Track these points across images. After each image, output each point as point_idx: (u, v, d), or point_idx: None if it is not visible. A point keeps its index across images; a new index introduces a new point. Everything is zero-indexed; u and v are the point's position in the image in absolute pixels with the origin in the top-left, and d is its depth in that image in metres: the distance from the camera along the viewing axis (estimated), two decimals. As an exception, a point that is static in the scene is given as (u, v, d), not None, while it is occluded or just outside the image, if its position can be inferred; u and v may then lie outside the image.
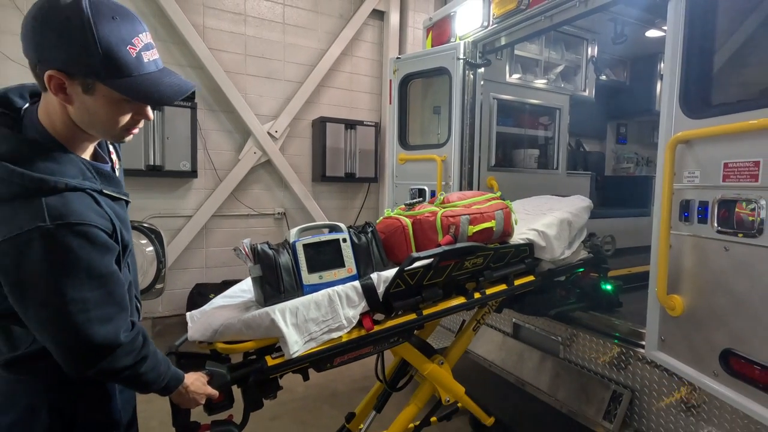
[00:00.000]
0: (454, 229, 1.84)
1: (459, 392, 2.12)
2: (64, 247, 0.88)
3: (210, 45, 4.84)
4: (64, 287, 0.89)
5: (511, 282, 2.00)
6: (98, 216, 0.94)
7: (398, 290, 1.66)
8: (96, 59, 0.86)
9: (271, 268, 1.54)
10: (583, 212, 2.33)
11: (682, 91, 1.71)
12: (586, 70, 3.91)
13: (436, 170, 3.17)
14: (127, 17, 0.90)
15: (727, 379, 1.54)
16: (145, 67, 0.92)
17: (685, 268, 1.70)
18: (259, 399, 1.55)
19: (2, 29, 3.78)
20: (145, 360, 1.06)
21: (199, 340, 1.53)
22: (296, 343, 1.46)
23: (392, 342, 1.74)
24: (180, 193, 4.86)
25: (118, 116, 0.96)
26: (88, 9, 0.84)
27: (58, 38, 0.86)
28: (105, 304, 0.95)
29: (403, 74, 3.46)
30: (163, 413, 3.19)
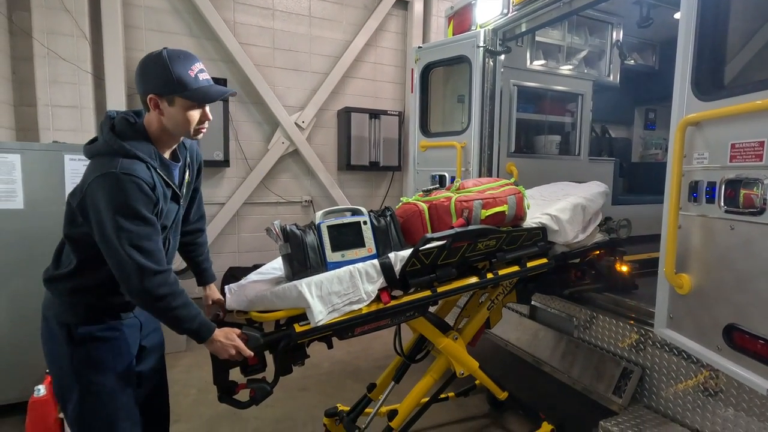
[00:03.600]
0: (467, 213, 1.95)
1: (473, 366, 2.23)
2: (121, 186, 1.32)
3: (240, 39, 5.05)
4: (118, 216, 1.31)
5: (524, 264, 2.08)
6: (148, 177, 1.39)
7: (414, 269, 1.79)
8: (172, 82, 1.39)
9: (298, 247, 1.72)
10: (598, 197, 2.38)
11: (695, 73, 1.74)
12: (611, 55, 3.86)
13: (456, 157, 3.26)
14: (188, 57, 1.44)
15: (730, 353, 1.59)
16: (200, 82, 1.44)
17: (693, 247, 1.74)
18: (289, 365, 1.73)
19: (54, 30, 4.09)
20: (179, 296, 1.40)
21: (237, 309, 1.73)
22: (321, 312, 1.63)
23: (408, 316, 1.88)
24: (214, 181, 5.14)
25: (190, 118, 1.46)
26: (166, 55, 1.40)
27: (151, 74, 1.42)
28: (145, 239, 1.35)
29: (425, 63, 3.55)
30: (201, 382, 3.47)
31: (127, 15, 4.56)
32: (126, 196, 1.32)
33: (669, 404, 2.00)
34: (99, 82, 4.34)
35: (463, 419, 2.86)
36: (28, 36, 4.04)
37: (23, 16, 4.04)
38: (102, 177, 1.33)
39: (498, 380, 2.40)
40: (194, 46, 4.90)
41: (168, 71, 1.38)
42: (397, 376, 2.41)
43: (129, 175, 1.33)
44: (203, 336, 1.47)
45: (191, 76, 1.42)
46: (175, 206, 1.56)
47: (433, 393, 2.32)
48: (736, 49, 1.74)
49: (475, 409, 2.96)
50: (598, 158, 3.96)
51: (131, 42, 4.62)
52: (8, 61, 4.04)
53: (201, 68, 1.46)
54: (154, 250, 1.37)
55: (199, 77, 1.43)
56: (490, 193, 2.04)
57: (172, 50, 1.43)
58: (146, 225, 1.36)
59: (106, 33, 4.30)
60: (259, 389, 1.64)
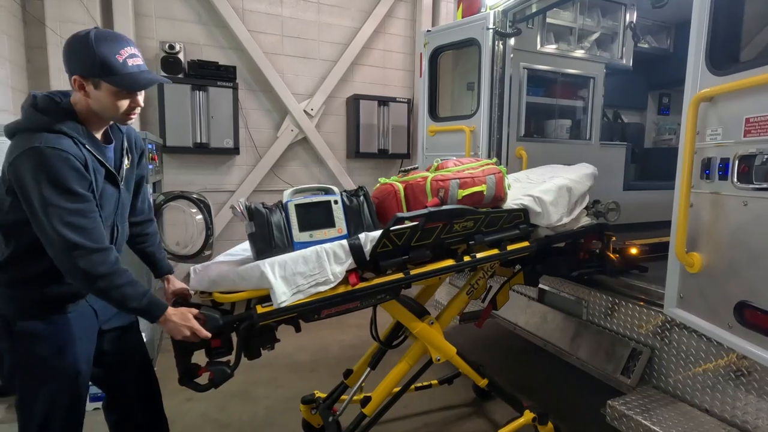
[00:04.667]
0: (443, 193, 1.87)
1: (449, 352, 2.13)
2: (47, 162, 1.25)
3: (249, 27, 5.05)
4: (45, 192, 1.25)
5: (504, 247, 1.98)
6: (77, 151, 1.32)
7: (386, 250, 1.70)
8: (97, 65, 1.31)
9: (262, 225, 1.65)
10: (585, 179, 2.27)
11: (709, 48, 1.71)
12: (624, 38, 3.79)
13: (465, 141, 3.24)
14: (118, 39, 1.36)
15: (741, 330, 1.58)
16: (128, 68, 1.35)
17: (705, 225, 1.72)
18: (257, 348, 1.68)
19: (66, 19, 4.14)
20: (121, 274, 1.35)
21: (199, 290, 1.68)
22: (284, 294, 1.56)
23: (380, 299, 1.79)
24: (224, 169, 5.19)
25: (118, 103, 1.38)
26: (93, 36, 1.32)
27: (76, 54, 1.33)
28: (77, 215, 1.29)
29: (434, 47, 3.52)
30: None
31: (137, 3, 4.60)
32: (53, 170, 1.25)
33: (678, 384, 2.00)
34: (111, 70, 4.38)
35: (446, 407, 2.81)
36: (41, 24, 4.09)
37: (36, 4, 4.10)
38: (25, 153, 1.25)
39: (478, 367, 2.32)
40: (203, 33, 4.92)
41: (93, 53, 1.29)
42: (372, 362, 2.35)
43: (55, 149, 1.26)
44: (154, 314, 1.42)
45: (118, 61, 1.33)
46: (113, 189, 1.48)
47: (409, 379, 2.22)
48: (752, 21, 1.70)
49: (459, 397, 2.90)
50: (609, 143, 3.90)
51: (142, 30, 4.66)
52: (22, 49, 4.10)
53: (132, 53, 1.36)
54: (89, 228, 1.30)
55: (128, 62, 1.34)
56: (468, 173, 1.95)
57: (101, 31, 1.35)
58: (79, 201, 1.29)
59: (117, 21, 4.34)
60: (218, 372, 1.58)
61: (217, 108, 4.74)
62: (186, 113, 4.59)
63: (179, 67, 4.63)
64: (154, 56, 4.66)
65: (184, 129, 4.60)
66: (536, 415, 2.28)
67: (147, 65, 1.44)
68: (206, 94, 4.68)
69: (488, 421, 2.65)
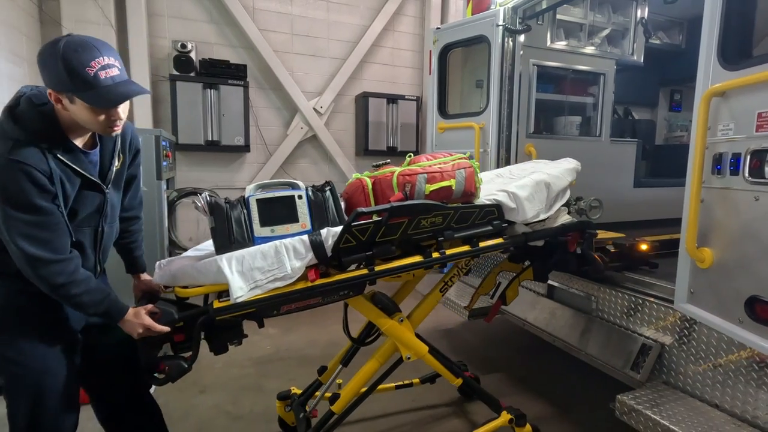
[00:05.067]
0: (410, 187, 1.83)
1: (420, 350, 2.08)
2: (7, 174, 1.25)
3: (259, 26, 5.10)
4: (4, 206, 1.26)
5: (476, 243, 1.92)
6: (42, 163, 1.29)
7: (349, 245, 1.66)
8: (66, 79, 1.23)
9: (222, 220, 1.62)
10: (566, 174, 2.20)
11: (721, 42, 1.70)
12: (635, 34, 3.76)
13: (474, 138, 3.25)
14: (88, 49, 1.25)
15: (752, 325, 1.58)
16: (101, 82, 1.26)
17: (716, 220, 1.72)
18: (224, 344, 1.68)
19: (81, 18, 4.22)
20: (79, 284, 1.35)
21: (162, 284, 1.70)
22: (240, 289, 1.54)
23: (342, 295, 1.76)
24: (235, 166, 5.25)
25: (96, 117, 1.32)
26: (61, 47, 1.22)
27: (47, 68, 1.26)
28: (36, 228, 1.28)
29: (443, 44, 3.53)
30: (225, 356, 3.57)
31: (150, 2, 4.67)
32: (12, 184, 1.24)
33: (688, 380, 2.00)
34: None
35: (428, 406, 2.75)
36: (57, 24, 4.18)
37: (52, 5, 4.18)
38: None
39: (452, 366, 2.26)
40: (215, 32, 4.99)
41: (61, 67, 1.22)
42: (345, 360, 2.34)
43: (17, 162, 1.24)
44: (114, 318, 1.45)
45: (89, 75, 1.23)
46: (93, 193, 1.46)
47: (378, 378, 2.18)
48: (765, 15, 1.69)
49: (443, 396, 2.81)
50: (619, 140, 3.89)
51: (155, 29, 4.73)
52: (38, 48, 4.19)
53: (105, 63, 1.26)
54: (48, 239, 1.30)
55: (100, 75, 1.25)
56: (438, 167, 1.90)
57: (72, 40, 1.25)
58: (38, 213, 1.28)
59: (130, 21, 4.42)
60: (174, 366, 1.58)
61: (228, 106, 4.80)
62: (198, 111, 4.66)
63: (191, 66, 4.69)
64: (166, 55, 4.73)
65: (196, 127, 4.67)
66: (513, 417, 2.23)
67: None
68: (217, 92, 4.74)
69: (468, 422, 2.59)
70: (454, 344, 3.71)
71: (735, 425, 1.76)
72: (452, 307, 3.38)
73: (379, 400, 2.68)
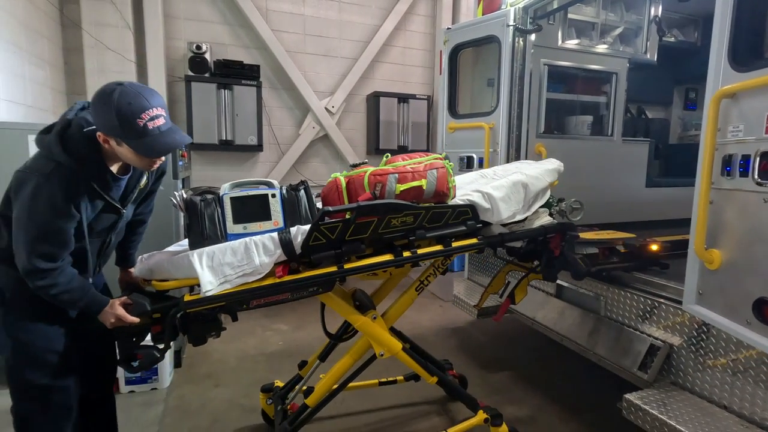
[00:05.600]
0: (380, 187, 1.85)
1: (394, 348, 2.09)
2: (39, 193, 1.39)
3: (272, 26, 5.17)
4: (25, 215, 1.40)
5: (449, 243, 1.93)
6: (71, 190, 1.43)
7: (318, 243, 1.70)
8: (117, 128, 1.38)
9: (195, 217, 1.69)
10: (545, 175, 2.19)
11: (732, 44, 1.70)
12: (648, 32, 3.73)
13: (484, 138, 3.26)
14: (140, 102, 1.38)
15: (760, 327, 1.58)
16: (149, 132, 1.41)
17: (725, 222, 1.72)
18: (202, 336, 1.75)
19: (101, 22, 4.34)
20: (58, 286, 1.46)
21: (142, 278, 1.78)
22: (210, 283, 1.60)
23: (312, 291, 1.79)
24: (248, 165, 5.34)
25: (140, 159, 1.48)
26: (116, 97, 1.36)
27: (101, 115, 1.40)
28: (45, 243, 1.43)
29: (454, 44, 3.55)
30: (239, 352, 3.67)
31: (167, 5, 4.77)
32: (41, 200, 1.39)
33: (697, 381, 2.00)
34: (141, 71, 4.58)
35: (410, 404, 2.77)
36: (78, 27, 4.30)
37: (73, 8, 4.30)
38: (29, 173, 1.41)
39: (427, 365, 2.26)
40: (228, 33, 5.07)
41: (115, 116, 1.35)
42: (322, 355, 2.39)
43: (52, 184, 1.39)
44: (93, 311, 1.57)
45: (139, 126, 1.38)
46: (110, 215, 1.61)
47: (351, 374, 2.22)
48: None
49: (427, 394, 2.81)
50: (631, 139, 3.86)
51: (171, 31, 4.84)
52: (60, 52, 4.32)
53: (154, 114, 1.40)
54: (49, 252, 1.43)
55: (149, 126, 1.39)
56: (411, 168, 1.92)
57: (125, 91, 1.37)
58: (51, 232, 1.42)
59: (147, 23, 4.52)
60: (147, 355, 1.66)
61: (242, 106, 4.88)
62: (212, 111, 4.75)
63: (206, 67, 4.78)
64: (182, 56, 4.83)
65: (210, 126, 4.77)
66: (489, 416, 2.22)
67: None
68: (231, 92, 4.83)
69: (448, 420, 2.61)
70: (463, 343, 3.74)
71: (743, 426, 1.76)
72: (462, 305, 3.41)
73: (363, 396, 2.75)
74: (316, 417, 2.17)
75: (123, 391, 2.80)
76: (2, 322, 1.57)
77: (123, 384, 2.80)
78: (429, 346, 3.61)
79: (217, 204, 1.73)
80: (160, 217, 2.20)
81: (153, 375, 2.85)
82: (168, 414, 2.63)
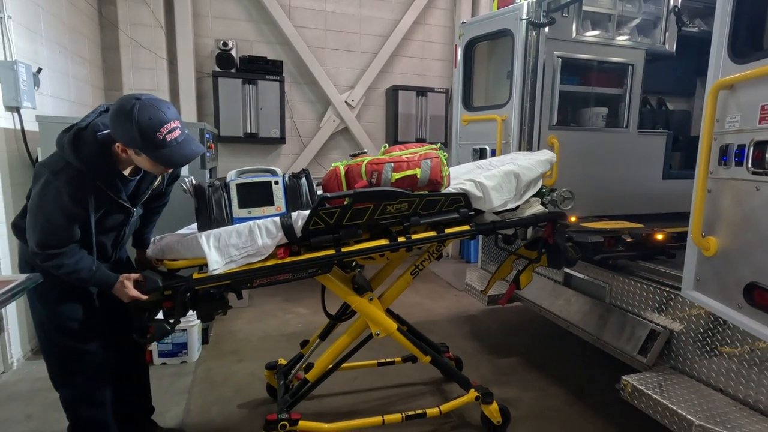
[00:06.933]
0: (376, 175, 1.94)
1: (389, 327, 2.19)
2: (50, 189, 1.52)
3: (295, 23, 5.35)
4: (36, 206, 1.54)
5: (442, 229, 2.03)
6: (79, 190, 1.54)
7: (318, 227, 1.82)
8: (138, 141, 1.50)
9: (203, 201, 1.83)
10: (537, 165, 2.25)
11: (732, 36, 1.74)
12: (667, 22, 3.69)
13: (497, 130, 3.34)
14: (158, 114, 1.50)
15: (750, 311, 1.64)
16: (168, 144, 1.53)
17: (721, 210, 1.78)
18: (210, 312, 1.88)
19: (135, 21, 4.61)
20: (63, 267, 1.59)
21: (155, 258, 1.91)
22: (216, 262, 1.73)
23: (311, 272, 1.91)
24: (271, 157, 5.56)
25: (156, 167, 1.62)
26: (137, 112, 1.47)
27: (121, 128, 1.51)
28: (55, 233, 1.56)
29: (468, 38, 3.62)
30: (260, 332, 3.89)
31: (196, 4, 5.01)
32: (50, 196, 1.51)
33: (695, 365, 2.06)
34: (172, 68, 4.84)
35: (409, 384, 2.87)
36: (114, 27, 4.59)
37: (111, 9, 4.59)
38: (45, 170, 1.53)
39: (422, 345, 2.34)
40: (253, 30, 5.27)
41: (135, 132, 1.46)
42: (322, 334, 2.56)
43: (61, 183, 1.51)
44: (103, 288, 1.71)
45: (158, 139, 1.49)
46: (121, 214, 1.73)
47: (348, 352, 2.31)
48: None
49: (422, 375, 2.92)
50: (648, 131, 3.83)
51: (199, 29, 5.08)
52: (99, 51, 4.62)
53: (172, 127, 1.51)
54: (54, 237, 1.55)
55: (167, 138, 1.50)
56: (405, 157, 2.01)
57: (144, 105, 1.47)
58: (58, 224, 1.55)
59: (178, 22, 4.77)
60: (157, 327, 1.79)
61: (266, 100, 5.09)
62: (237, 105, 4.98)
63: (232, 63, 5.01)
64: (209, 53, 5.07)
65: (236, 120, 5.00)
66: (480, 395, 2.31)
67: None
68: (255, 87, 5.04)
69: (443, 400, 2.68)
70: (475, 330, 3.85)
71: (736, 407, 1.83)
72: (473, 293, 3.52)
73: (362, 375, 2.90)
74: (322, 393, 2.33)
75: (156, 363, 3.06)
76: (35, 292, 1.71)
77: (156, 356, 3.06)
78: (442, 332, 3.76)
79: (224, 190, 1.86)
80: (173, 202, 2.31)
81: (183, 350, 3.10)
82: (196, 384, 2.87)
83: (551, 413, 2.61)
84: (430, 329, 3.82)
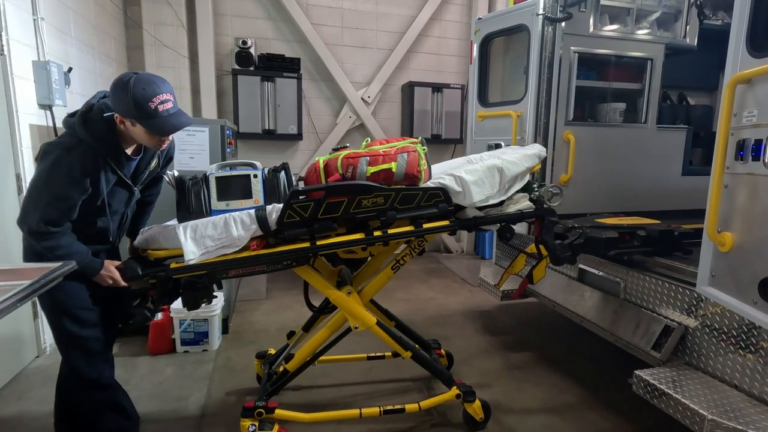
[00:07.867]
0: (351, 170, 1.93)
1: (368, 321, 2.18)
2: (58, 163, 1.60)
3: (312, 20, 5.42)
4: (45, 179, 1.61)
5: (419, 224, 2.00)
6: (89, 163, 1.64)
7: (293, 221, 1.84)
8: (132, 110, 1.61)
9: (182, 193, 1.90)
10: (523, 159, 2.18)
11: (750, 30, 1.73)
12: (688, 15, 3.62)
13: (512, 126, 3.34)
14: (153, 87, 1.61)
15: (765, 306, 1.64)
16: (159, 114, 1.63)
17: (738, 206, 1.77)
18: (196, 301, 1.95)
19: (159, 21, 4.74)
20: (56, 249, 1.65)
21: (141, 247, 1.97)
22: (192, 252, 1.79)
23: (286, 264, 1.95)
24: (289, 153, 5.66)
25: (150, 138, 1.71)
26: (132, 83, 1.59)
27: (118, 98, 1.63)
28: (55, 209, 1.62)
29: (484, 34, 3.62)
30: (277, 323, 3.97)
31: (216, 4, 5.12)
32: (59, 169, 1.60)
33: (709, 361, 2.06)
34: (193, 66, 4.97)
35: (396, 379, 2.87)
36: (139, 27, 4.73)
37: (135, 10, 4.74)
38: (53, 148, 1.62)
39: (402, 339, 2.31)
40: (271, 28, 5.36)
41: (129, 99, 1.58)
42: (306, 326, 2.61)
43: (72, 156, 1.60)
44: (88, 274, 1.76)
45: (151, 108, 1.60)
46: (124, 192, 1.82)
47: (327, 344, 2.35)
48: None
49: (411, 371, 2.86)
50: (667, 126, 3.77)
51: (219, 28, 5.19)
52: (124, 50, 4.78)
53: (164, 99, 1.62)
54: (52, 216, 1.62)
55: (159, 108, 1.61)
56: (383, 151, 1.98)
57: (140, 78, 1.60)
58: (62, 199, 1.62)
59: (199, 21, 4.89)
60: (139, 314, 1.88)
61: (283, 97, 5.18)
62: (256, 102, 5.08)
63: (251, 61, 5.11)
64: (229, 51, 5.18)
65: (255, 117, 5.10)
66: (461, 393, 2.27)
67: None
68: (274, 84, 5.13)
69: (428, 396, 2.59)
70: (489, 324, 3.87)
71: (750, 404, 1.82)
72: (487, 288, 3.54)
73: (350, 368, 2.94)
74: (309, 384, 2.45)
75: (179, 351, 3.18)
76: None
77: (179, 344, 3.18)
78: (456, 326, 3.80)
79: (204, 183, 1.92)
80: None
81: (204, 338, 3.21)
82: (216, 371, 2.98)
83: (564, 408, 2.63)
84: (443, 323, 3.86)
